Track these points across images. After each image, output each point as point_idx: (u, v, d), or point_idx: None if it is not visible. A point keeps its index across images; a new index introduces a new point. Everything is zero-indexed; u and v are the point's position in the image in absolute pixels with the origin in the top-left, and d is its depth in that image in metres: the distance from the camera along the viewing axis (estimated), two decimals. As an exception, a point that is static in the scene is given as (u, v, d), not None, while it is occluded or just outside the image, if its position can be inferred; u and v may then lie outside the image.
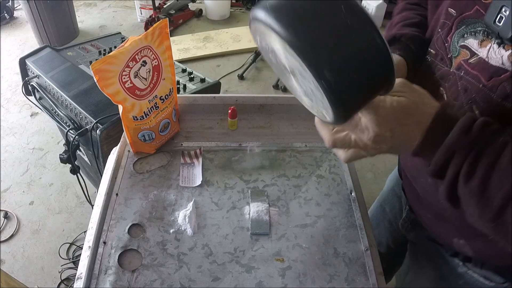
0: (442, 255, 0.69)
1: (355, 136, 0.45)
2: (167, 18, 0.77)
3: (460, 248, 0.62)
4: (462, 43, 0.51)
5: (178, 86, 1.37)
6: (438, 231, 0.67)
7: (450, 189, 0.42)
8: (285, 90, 2.75)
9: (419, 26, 0.65)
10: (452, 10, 0.53)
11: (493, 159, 0.39)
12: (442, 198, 0.44)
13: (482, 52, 0.48)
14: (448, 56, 0.54)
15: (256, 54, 2.89)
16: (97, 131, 1.03)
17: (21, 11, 3.43)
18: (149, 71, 0.70)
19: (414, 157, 0.45)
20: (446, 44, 0.55)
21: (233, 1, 3.80)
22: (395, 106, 0.42)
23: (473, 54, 0.50)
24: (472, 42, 0.49)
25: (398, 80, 0.44)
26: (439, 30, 0.56)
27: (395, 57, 0.59)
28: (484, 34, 0.48)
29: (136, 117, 0.72)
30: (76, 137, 1.10)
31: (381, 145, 0.44)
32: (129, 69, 0.66)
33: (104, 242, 0.62)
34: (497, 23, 0.44)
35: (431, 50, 0.58)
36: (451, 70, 0.54)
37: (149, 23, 3.19)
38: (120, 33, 1.62)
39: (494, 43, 0.47)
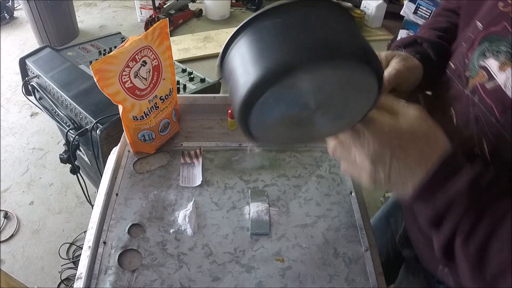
0: (428, 280, 0.67)
1: (355, 149, 0.42)
2: (167, 18, 0.77)
3: (444, 277, 0.60)
4: (482, 63, 0.46)
5: (178, 86, 1.37)
6: (426, 254, 0.64)
7: (447, 243, 0.39)
8: (285, 90, 2.74)
9: (446, 31, 0.61)
10: (479, 24, 0.48)
11: (496, 223, 0.35)
12: (436, 250, 0.41)
13: (500, 78, 0.43)
14: (466, 74, 0.49)
15: (256, 54, 2.89)
16: (97, 131, 1.03)
17: (21, 11, 3.43)
18: (149, 71, 0.70)
19: (414, 201, 0.40)
20: (465, 60, 0.50)
21: (233, 1, 3.81)
22: (402, 127, 0.39)
23: (490, 77, 0.44)
24: (493, 64, 0.44)
25: (415, 108, 0.41)
26: (464, 43, 0.51)
27: (413, 61, 0.55)
28: (508, 56, 0.42)
29: (136, 117, 0.72)
30: (76, 137, 1.10)
31: (378, 167, 0.40)
32: (129, 69, 0.66)
33: (104, 242, 0.62)
34: None
35: (452, 64, 0.54)
36: (465, 92, 0.49)
37: (149, 23, 3.19)
38: (120, 33, 1.62)
39: None
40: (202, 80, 1.42)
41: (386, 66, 0.54)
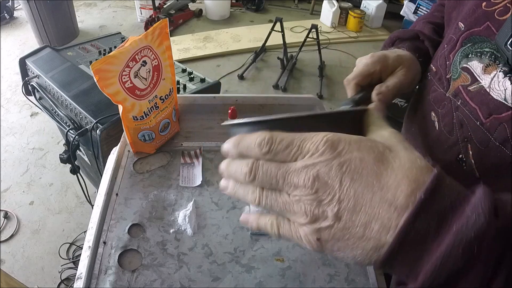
0: None
1: (278, 168, 0.28)
2: (167, 18, 0.77)
3: None
4: (465, 65, 0.44)
5: (178, 86, 1.37)
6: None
7: None
8: (285, 90, 2.75)
9: (441, 27, 0.59)
10: (461, 24, 0.46)
11: None
12: None
13: (485, 80, 0.41)
14: (447, 76, 0.47)
15: (256, 54, 2.89)
16: (97, 131, 1.03)
17: (21, 11, 3.43)
18: (149, 71, 0.70)
19: (382, 268, 0.26)
20: (447, 62, 0.48)
21: (233, 1, 3.81)
22: (375, 139, 0.28)
23: (474, 80, 0.42)
24: (476, 66, 0.42)
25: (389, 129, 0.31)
26: (445, 45, 0.49)
27: (416, 68, 0.53)
28: (491, 57, 0.40)
29: (136, 117, 0.72)
30: (76, 137, 1.10)
31: (322, 208, 0.26)
32: (129, 69, 0.66)
33: (104, 242, 0.62)
34: (508, 46, 0.37)
35: (433, 67, 0.52)
36: (446, 95, 0.47)
37: (149, 23, 3.19)
38: (120, 33, 1.62)
39: (500, 71, 0.39)
40: (202, 80, 1.42)
41: (390, 72, 0.51)
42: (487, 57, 0.41)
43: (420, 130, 0.54)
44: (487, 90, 0.40)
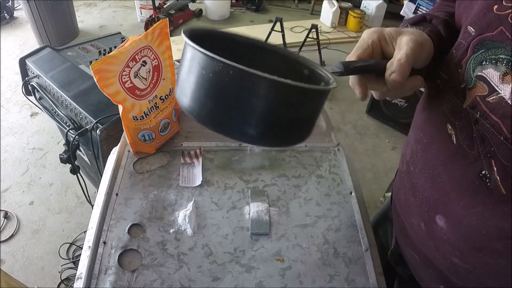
0: None
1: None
2: (167, 18, 0.77)
3: None
4: (479, 73, 0.41)
5: (178, 86, 1.37)
6: (422, 274, 0.59)
7: None
8: (285, 90, 2.74)
9: (453, 16, 0.56)
10: (471, 29, 0.43)
11: None
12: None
13: (504, 90, 0.38)
14: (461, 86, 0.44)
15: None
16: (97, 131, 1.03)
17: (21, 11, 3.43)
18: (149, 71, 0.70)
19: None
20: (459, 70, 0.44)
21: (233, 1, 3.81)
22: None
23: (492, 90, 0.39)
24: (492, 74, 0.39)
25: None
26: (454, 51, 0.46)
27: (423, 35, 0.48)
28: (508, 65, 0.37)
29: (136, 117, 0.72)
30: (76, 137, 1.10)
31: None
32: (129, 69, 0.66)
33: (104, 242, 0.62)
34: None
35: (443, 75, 0.49)
36: (463, 106, 0.43)
37: (149, 23, 3.19)
38: (120, 33, 1.62)
39: None
40: (202, 80, 1.41)
41: (390, 43, 0.47)
42: (503, 64, 0.38)
43: (435, 143, 0.50)
44: (508, 101, 0.37)
